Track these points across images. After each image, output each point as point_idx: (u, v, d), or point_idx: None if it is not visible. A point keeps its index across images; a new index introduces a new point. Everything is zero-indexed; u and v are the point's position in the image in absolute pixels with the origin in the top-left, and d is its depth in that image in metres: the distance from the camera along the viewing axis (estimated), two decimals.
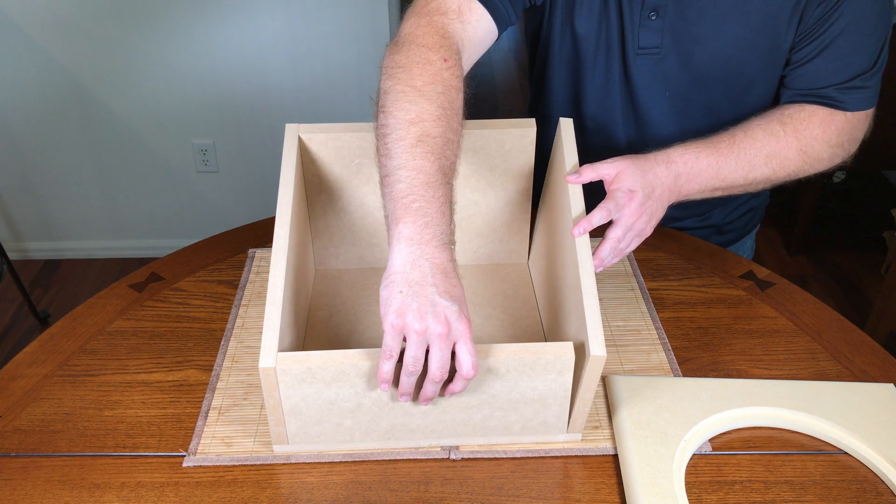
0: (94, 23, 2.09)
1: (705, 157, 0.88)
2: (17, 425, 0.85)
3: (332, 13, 2.11)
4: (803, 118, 0.93)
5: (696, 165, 0.88)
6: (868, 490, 0.78)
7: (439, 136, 0.75)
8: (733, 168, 0.90)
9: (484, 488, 0.78)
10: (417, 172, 0.72)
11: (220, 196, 2.42)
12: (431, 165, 0.72)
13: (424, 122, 0.75)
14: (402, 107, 0.76)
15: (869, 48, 0.93)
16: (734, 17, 0.93)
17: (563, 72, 1.06)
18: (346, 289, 1.02)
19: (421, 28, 0.85)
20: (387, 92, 0.78)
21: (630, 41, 0.99)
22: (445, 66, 0.80)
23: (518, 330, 0.96)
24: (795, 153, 0.92)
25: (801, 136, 0.92)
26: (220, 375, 0.91)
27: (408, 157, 0.73)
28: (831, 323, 1.00)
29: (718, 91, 1.01)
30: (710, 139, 0.91)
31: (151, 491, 0.77)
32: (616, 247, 0.84)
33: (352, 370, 0.74)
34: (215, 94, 2.22)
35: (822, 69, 0.94)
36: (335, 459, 0.81)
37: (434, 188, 0.71)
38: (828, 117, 0.94)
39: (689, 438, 0.81)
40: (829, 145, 0.94)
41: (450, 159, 0.75)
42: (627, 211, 0.82)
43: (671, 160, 0.87)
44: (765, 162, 0.91)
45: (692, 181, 0.88)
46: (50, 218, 2.44)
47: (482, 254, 1.06)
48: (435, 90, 0.78)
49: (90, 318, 1.01)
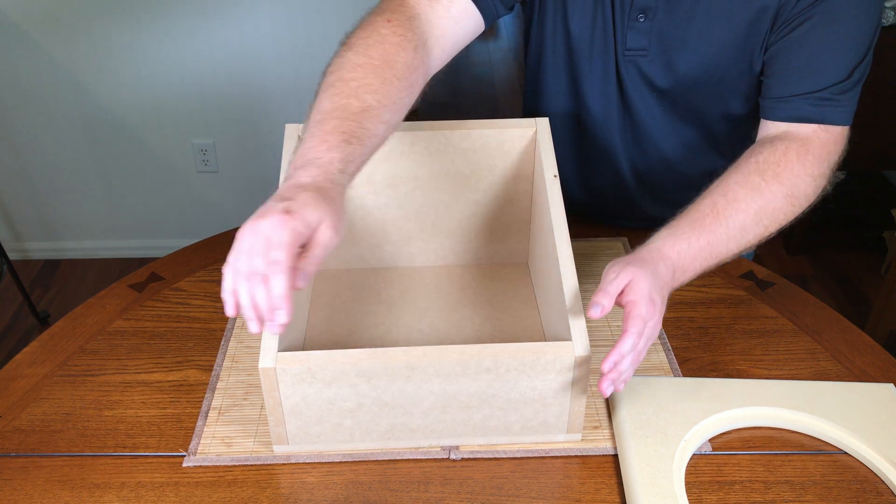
0: (94, 22, 2.09)
1: (696, 239, 0.81)
2: (17, 425, 0.85)
3: (333, 13, 2.11)
4: (778, 159, 0.87)
5: (689, 253, 0.81)
6: (868, 490, 0.78)
7: (354, 80, 0.76)
8: (725, 241, 0.83)
9: (484, 488, 0.78)
10: (315, 112, 0.75)
11: (220, 196, 2.42)
12: (331, 104, 0.74)
13: (342, 70, 0.78)
14: (331, 62, 0.81)
15: (842, 59, 0.89)
16: (721, 23, 0.93)
17: (559, 70, 1.06)
18: (346, 289, 1.02)
19: (382, 2, 0.87)
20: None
21: (619, 42, 0.99)
22: (386, 24, 0.82)
23: (518, 330, 0.96)
24: (783, 200, 0.86)
25: (784, 179, 0.86)
26: (220, 375, 0.91)
27: (315, 102, 0.77)
28: (831, 323, 1.00)
29: (704, 95, 1.00)
30: (693, 214, 0.84)
31: (151, 491, 0.77)
32: (638, 359, 0.78)
33: (352, 370, 0.74)
34: (215, 94, 2.22)
35: (792, 73, 0.91)
36: (335, 459, 0.81)
37: (323, 123, 0.73)
38: (802, 149, 0.88)
39: (689, 438, 0.81)
40: (812, 178, 0.88)
41: (365, 101, 0.75)
42: (652, 323, 0.76)
43: (665, 255, 0.80)
44: (755, 221, 0.85)
45: (687, 272, 0.82)
46: (50, 218, 2.44)
47: (482, 254, 1.06)
48: (365, 42, 0.80)
49: (90, 318, 1.01)
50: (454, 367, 0.75)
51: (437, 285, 1.03)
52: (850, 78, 0.89)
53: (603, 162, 1.11)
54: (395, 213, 1.01)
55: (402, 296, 1.01)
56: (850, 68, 0.89)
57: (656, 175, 1.11)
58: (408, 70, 0.80)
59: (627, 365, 0.75)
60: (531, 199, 1.01)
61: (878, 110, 2.16)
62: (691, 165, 1.09)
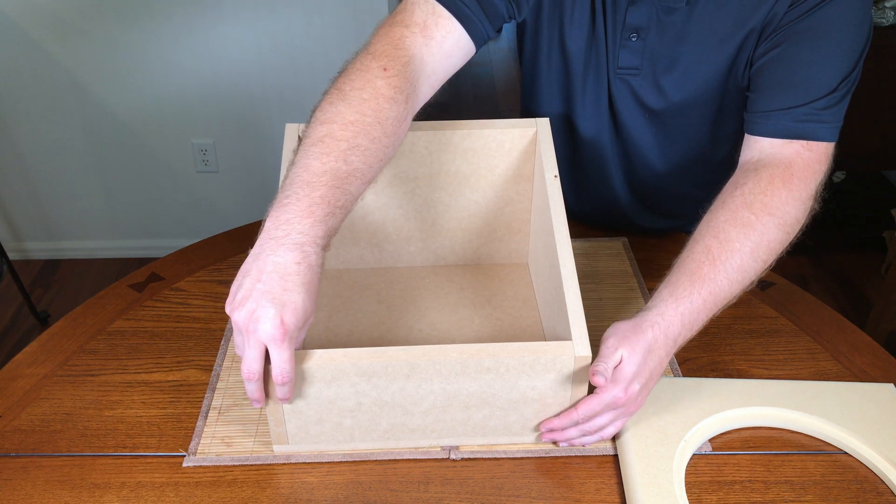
0: (94, 22, 2.09)
1: (697, 294, 0.79)
2: (17, 425, 0.85)
3: (333, 13, 2.11)
4: (764, 189, 0.84)
5: (692, 311, 0.79)
6: (868, 490, 0.78)
7: (344, 140, 0.75)
8: (727, 287, 0.81)
9: (484, 488, 0.78)
10: (303, 171, 0.73)
11: (220, 196, 2.42)
12: (321, 166, 0.73)
13: (334, 123, 0.76)
14: (322, 108, 0.79)
15: (828, 73, 0.87)
16: (711, 45, 0.92)
17: (553, 88, 1.06)
18: (346, 289, 1.02)
19: (378, 37, 0.85)
20: (323, 93, 0.81)
21: (611, 60, 0.98)
22: (382, 74, 0.80)
23: (518, 330, 0.96)
24: (776, 231, 0.83)
25: (774, 209, 0.83)
26: (220, 375, 0.91)
27: (302, 156, 0.75)
28: (831, 323, 1.00)
29: (695, 116, 1.00)
30: (689, 265, 0.81)
31: (151, 491, 0.77)
32: (597, 434, 0.80)
33: (352, 370, 0.74)
34: (215, 94, 2.22)
35: (776, 88, 0.89)
36: (335, 459, 0.81)
37: (312, 188, 0.72)
38: (786, 174, 0.86)
39: (689, 438, 0.81)
40: (801, 201, 0.86)
41: (353, 164, 0.75)
42: (624, 409, 0.78)
43: (669, 323, 0.78)
44: (752, 258, 0.82)
45: (693, 329, 0.80)
46: (50, 218, 2.44)
47: (482, 254, 1.06)
48: (360, 96, 0.78)
49: (90, 318, 1.01)
50: (454, 367, 0.75)
51: (437, 285, 1.03)
52: (836, 91, 0.87)
53: (595, 177, 1.11)
54: (395, 213, 1.01)
55: (402, 296, 1.01)
56: (835, 83, 0.87)
57: (649, 190, 1.11)
58: (397, 124, 0.80)
59: (574, 434, 0.79)
60: (531, 199, 1.01)
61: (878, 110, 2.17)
62: (684, 182, 1.09)
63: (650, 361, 0.77)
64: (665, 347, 0.78)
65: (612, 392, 0.75)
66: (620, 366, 0.76)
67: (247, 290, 0.69)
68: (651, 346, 0.77)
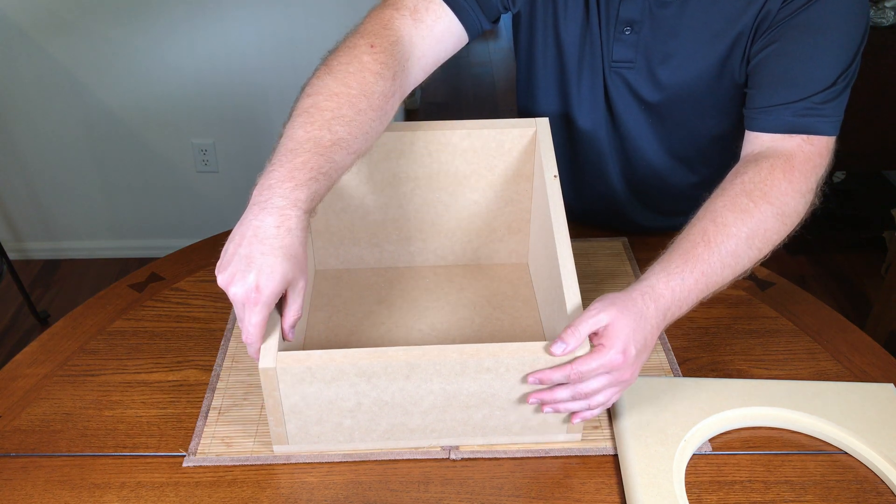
0: (94, 22, 2.09)
1: (689, 273, 0.79)
2: (17, 425, 0.85)
3: (333, 13, 2.11)
4: (764, 178, 0.84)
5: (684, 289, 0.79)
6: (868, 490, 0.78)
7: (328, 110, 0.77)
8: (719, 270, 0.80)
9: (484, 488, 0.78)
10: (288, 139, 0.75)
11: (220, 196, 2.42)
12: (304, 134, 0.75)
13: (319, 95, 0.78)
14: (310, 83, 0.81)
15: (826, 67, 0.87)
16: (704, 39, 0.93)
17: (549, 82, 1.06)
18: (346, 289, 1.02)
19: (368, 18, 0.88)
20: (314, 71, 0.83)
21: (606, 53, 0.99)
22: (369, 50, 0.82)
23: (518, 330, 0.96)
24: (773, 220, 0.83)
25: (773, 198, 0.83)
26: (220, 375, 0.91)
27: (288, 126, 0.77)
28: (831, 323, 1.00)
29: (690, 110, 1.00)
30: (684, 245, 0.81)
31: (151, 491, 0.77)
32: (587, 400, 0.77)
33: (352, 370, 0.74)
34: (215, 94, 2.22)
35: (775, 83, 0.89)
36: (335, 459, 0.81)
37: (294, 154, 0.73)
38: (787, 166, 0.86)
39: (689, 438, 0.81)
40: (801, 194, 0.86)
41: (337, 133, 0.76)
42: (619, 375, 0.75)
43: (658, 295, 0.77)
44: (748, 245, 0.82)
45: (682, 307, 0.80)
46: (50, 218, 2.44)
47: (482, 254, 1.06)
48: (346, 69, 0.80)
49: (90, 318, 1.01)
50: (454, 367, 0.75)
51: (437, 285, 1.03)
52: (835, 85, 0.87)
53: (593, 173, 1.11)
54: (395, 213, 1.01)
55: (402, 296, 1.01)
56: (834, 76, 0.87)
57: (646, 186, 1.11)
58: (384, 99, 0.81)
59: (565, 395, 0.76)
60: (531, 199, 1.01)
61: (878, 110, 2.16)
62: (681, 177, 1.09)
63: (643, 326, 0.75)
64: (656, 318, 0.77)
65: (608, 352, 0.74)
66: (612, 328, 0.74)
67: (230, 254, 0.71)
68: (642, 311, 0.76)
